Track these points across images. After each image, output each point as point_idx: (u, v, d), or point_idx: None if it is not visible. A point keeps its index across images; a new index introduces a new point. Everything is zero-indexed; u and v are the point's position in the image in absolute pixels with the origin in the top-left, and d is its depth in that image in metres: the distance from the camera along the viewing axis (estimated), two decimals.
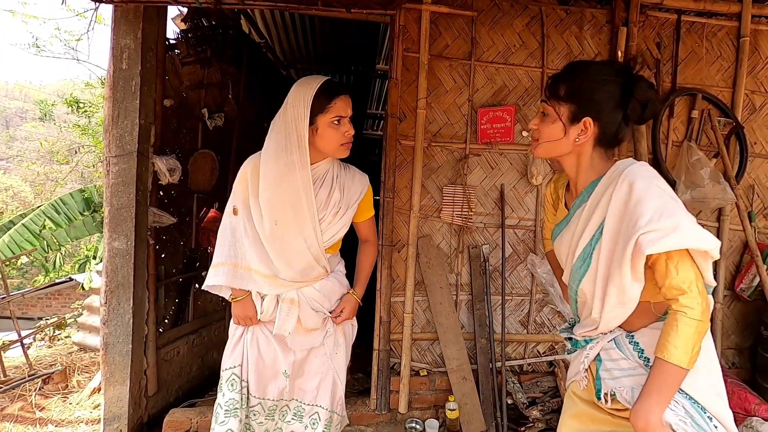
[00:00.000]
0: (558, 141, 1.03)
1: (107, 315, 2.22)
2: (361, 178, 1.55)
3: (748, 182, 2.81)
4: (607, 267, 0.98)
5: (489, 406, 2.42)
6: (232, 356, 1.46)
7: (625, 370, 1.02)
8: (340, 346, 1.54)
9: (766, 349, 2.56)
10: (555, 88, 1.03)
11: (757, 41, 2.79)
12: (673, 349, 0.89)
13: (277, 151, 1.36)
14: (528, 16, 2.60)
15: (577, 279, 1.05)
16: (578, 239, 1.04)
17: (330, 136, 1.37)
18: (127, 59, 2.19)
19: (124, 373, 2.23)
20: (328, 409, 1.48)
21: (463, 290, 2.57)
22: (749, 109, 2.81)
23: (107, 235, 2.22)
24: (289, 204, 1.37)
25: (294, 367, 1.48)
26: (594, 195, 1.01)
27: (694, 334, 0.88)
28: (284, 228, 1.38)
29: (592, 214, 1.01)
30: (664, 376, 0.89)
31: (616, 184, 0.96)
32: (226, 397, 1.42)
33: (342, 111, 1.37)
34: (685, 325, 0.88)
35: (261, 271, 1.41)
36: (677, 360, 0.88)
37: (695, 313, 0.88)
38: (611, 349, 1.05)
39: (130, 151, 2.21)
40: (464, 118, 2.56)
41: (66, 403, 2.89)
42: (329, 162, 1.49)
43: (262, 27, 3.85)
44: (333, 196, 1.45)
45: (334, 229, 1.47)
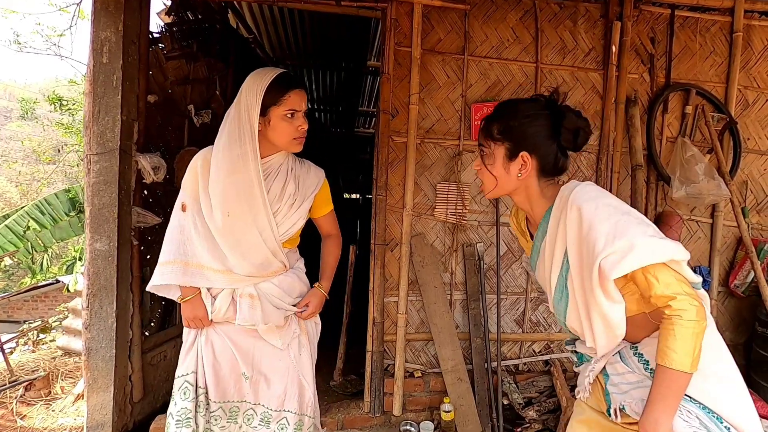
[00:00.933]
0: (502, 179, 1.06)
1: (89, 319, 2.14)
2: (317, 172, 1.53)
3: (741, 178, 2.80)
4: (583, 296, 0.97)
5: (485, 407, 2.37)
6: (185, 363, 1.41)
7: (632, 383, 0.99)
8: (304, 347, 1.49)
9: (760, 345, 2.56)
10: (489, 129, 1.07)
11: (749, 36, 2.78)
12: (673, 354, 0.86)
13: (230, 142, 1.33)
14: (521, 10, 2.55)
15: (561, 312, 1.04)
16: (549, 273, 1.04)
17: (282, 129, 1.35)
18: (108, 53, 2.10)
19: (108, 379, 2.15)
20: (297, 413, 1.44)
21: (458, 289, 2.52)
22: (742, 104, 2.80)
23: (88, 236, 2.13)
24: (243, 195, 1.34)
25: (254, 368, 1.43)
26: (550, 226, 1.03)
27: (691, 336, 0.86)
28: (237, 219, 1.34)
29: (554, 245, 1.01)
30: (668, 383, 0.87)
31: (566, 212, 0.98)
32: (177, 407, 1.37)
33: (296, 104, 1.35)
34: (681, 328, 0.86)
35: (213, 267, 1.37)
36: (679, 365, 0.86)
37: (689, 314, 0.86)
38: (616, 363, 1.02)
39: (111, 149, 2.12)
40: (458, 113, 2.51)
41: (49, 410, 2.79)
42: (283, 155, 1.45)
43: (251, 21, 3.76)
44: (287, 189, 1.42)
45: (290, 221, 1.44)
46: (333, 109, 6.28)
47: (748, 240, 2.52)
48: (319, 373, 2.89)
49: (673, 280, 0.89)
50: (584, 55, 2.61)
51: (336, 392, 2.70)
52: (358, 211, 7.77)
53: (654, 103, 2.64)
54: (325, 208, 1.58)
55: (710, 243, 2.78)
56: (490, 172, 1.07)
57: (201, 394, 1.39)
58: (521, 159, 1.03)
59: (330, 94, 5.66)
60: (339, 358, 2.80)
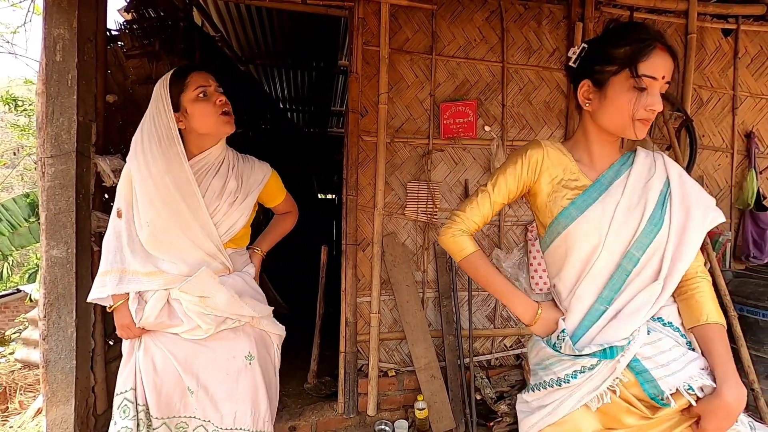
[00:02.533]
0: None
1: (47, 329, 2.04)
2: (261, 166, 1.50)
3: (698, 173, 2.92)
4: (682, 223, 1.00)
5: (458, 403, 2.40)
6: (123, 378, 1.33)
7: (678, 359, 0.94)
8: (255, 358, 1.39)
9: None
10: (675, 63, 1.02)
11: (703, 38, 2.91)
12: (714, 313, 0.97)
13: (149, 152, 1.29)
14: (487, 11, 2.59)
15: (645, 244, 0.98)
16: (643, 205, 1.01)
17: (201, 110, 1.30)
18: (62, 50, 2.01)
19: (68, 391, 2.05)
20: (251, 431, 1.36)
21: (430, 287, 2.54)
22: (697, 103, 2.93)
23: (44, 243, 2.03)
24: (176, 198, 1.29)
25: (200, 384, 1.34)
26: (641, 165, 1.05)
27: (713, 294, 1.00)
28: (171, 224, 1.30)
29: (648, 181, 1.03)
30: (727, 342, 0.94)
31: (663, 158, 1.06)
32: (117, 426, 1.28)
33: (202, 81, 1.31)
34: (709, 288, 1.00)
35: (148, 269, 1.31)
36: (722, 319, 0.96)
37: (708, 276, 1.02)
38: (652, 345, 0.96)
39: (67, 151, 2.03)
40: (426, 113, 2.53)
41: (6, 426, 2.65)
42: (221, 149, 1.40)
43: (217, 19, 3.68)
44: (228, 185, 1.38)
45: (231, 219, 1.38)
46: (306, 109, 6.22)
47: None
48: (294, 376, 2.87)
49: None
50: (549, 55, 2.67)
51: (310, 395, 2.67)
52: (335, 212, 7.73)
53: None
54: (278, 197, 1.58)
55: None
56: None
57: (141, 410, 1.31)
58: None
59: (302, 94, 5.61)
60: (313, 360, 2.77)
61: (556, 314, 1.05)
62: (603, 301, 1.00)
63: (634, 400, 0.94)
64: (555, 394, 1.01)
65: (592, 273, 1.00)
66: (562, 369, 0.99)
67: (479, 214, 1.10)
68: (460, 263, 1.12)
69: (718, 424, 0.89)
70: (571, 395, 0.98)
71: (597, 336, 0.98)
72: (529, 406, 1.07)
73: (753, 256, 2.90)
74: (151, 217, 1.29)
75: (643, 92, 0.95)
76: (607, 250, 1.00)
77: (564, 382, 0.99)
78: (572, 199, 1.03)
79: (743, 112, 2.96)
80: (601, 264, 1.00)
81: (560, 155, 1.08)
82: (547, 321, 1.05)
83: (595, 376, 0.95)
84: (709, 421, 0.89)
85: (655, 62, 0.95)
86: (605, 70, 0.99)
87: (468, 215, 1.10)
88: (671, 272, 0.98)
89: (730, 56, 2.94)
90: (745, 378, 2.27)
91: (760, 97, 2.98)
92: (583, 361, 0.96)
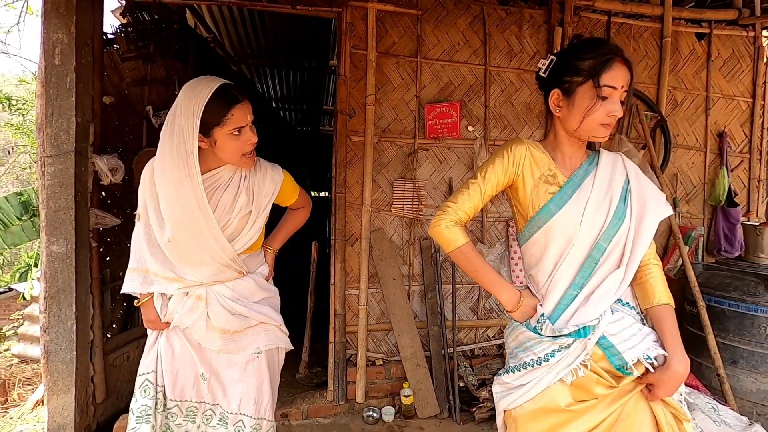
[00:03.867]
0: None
1: (47, 322, 2.13)
2: (273, 175, 1.46)
3: (672, 171, 3.06)
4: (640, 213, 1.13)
5: (442, 390, 2.52)
6: (146, 361, 1.44)
7: (636, 334, 1.07)
8: (263, 353, 1.47)
9: (689, 322, 2.82)
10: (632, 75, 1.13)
11: (677, 41, 3.05)
12: (666, 295, 1.11)
13: (168, 165, 1.27)
14: (471, 15, 2.70)
15: (610, 236, 1.12)
16: (609, 201, 1.13)
17: (230, 147, 1.28)
18: (60, 54, 2.09)
19: (69, 380, 2.15)
20: (253, 417, 1.45)
21: (416, 281, 2.65)
22: (672, 104, 3.07)
23: (45, 239, 2.12)
24: (188, 216, 1.30)
25: (212, 371, 1.44)
26: (606, 164, 1.17)
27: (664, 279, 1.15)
28: (186, 238, 1.32)
29: (612, 179, 1.15)
30: (675, 320, 1.08)
31: (621, 158, 1.20)
32: (138, 404, 1.40)
33: (241, 121, 1.27)
34: (660, 272, 1.14)
35: (166, 275, 1.37)
36: (672, 302, 1.10)
37: (659, 263, 1.17)
38: (616, 323, 1.09)
39: (66, 151, 2.12)
40: (412, 113, 2.64)
41: (6, 417, 2.74)
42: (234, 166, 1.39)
43: (210, 21, 3.76)
44: (239, 200, 1.37)
45: (245, 238, 1.41)
46: (298, 108, 6.30)
47: (676, 228, 2.77)
48: (286, 367, 2.95)
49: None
50: (529, 58, 2.78)
51: (301, 384, 2.78)
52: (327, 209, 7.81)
53: None
54: (292, 197, 1.56)
55: None
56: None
57: (159, 392, 1.42)
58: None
59: (294, 94, 5.69)
60: (304, 351, 2.88)
61: (534, 301, 1.17)
62: (575, 287, 1.12)
63: (602, 371, 1.07)
64: (534, 373, 1.13)
65: (567, 261, 1.13)
66: (542, 349, 1.12)
67: (471, 205, 1.17)
68: (452, 253, 1.17)
69: (667, 389, 1.04)
70: (549, 372, 1.10)
71: (571, 318, 1.11)
72: (508, 387, 1.18)
73: (724, 249, 3.05)
74: (171, 228, 1.31)
75: (605, 100, 1.07)
76: (579, 241, 1.12)
77: (544, 360, 1.11)
78: (552, 195, 1.15)
79: (716, 113, 3.10)
80: (574, 254, 1.12)
81: (540, 153, 1.18)
82: (527, 308, 1.17)
83: (570, 353, 1.08)
84: (660, 387, 1.04)
85: (615, 74, 1.07)
86: (573, 80, 1.11)
87: (459, 206, 1.16)
88: (631, 259, 1.12)
89: (704, 59, 3.07)
90: (712, 364, 2.41)
91: (731, 98, 3.12)
92: (560, 341, 1.09)
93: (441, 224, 1.16)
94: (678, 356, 1.03)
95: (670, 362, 1.03)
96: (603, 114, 1.08)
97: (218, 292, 1.40)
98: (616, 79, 1.07)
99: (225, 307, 1.40)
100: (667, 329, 1.07)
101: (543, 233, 1.15)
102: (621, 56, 1.09)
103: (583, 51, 1.11)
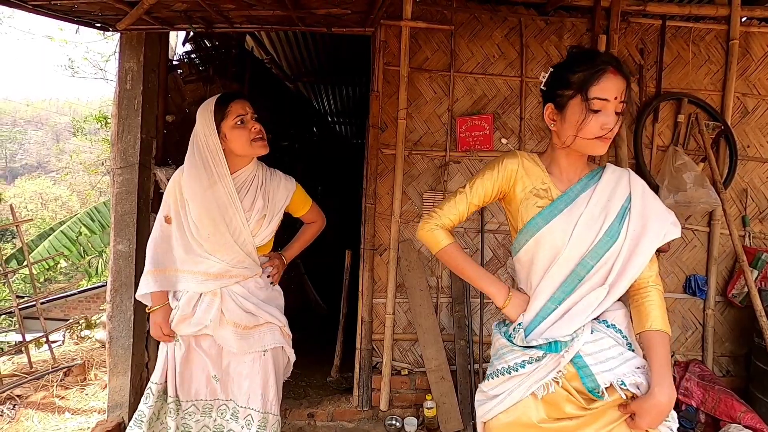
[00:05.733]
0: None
1: (112, 311, 2.45)
2: (286, 185, 1.64)
3: (741, 186, 2.76)
4: (636, 238, 1.08)
5: (467, 405, 2.48)
6: (156, 372, 1.59)
7: (616, 357, 1.04)
8: (269, 350, 1.58)
9: (757, 357, 2.50)
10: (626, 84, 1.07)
11: (748, 43, 2.76)
12: (660, 320, 1.05)
13: (196, 171, 1.49)
14: (507, 28, 2.68)
15: (599, 255, 1.08)
16: (603, 218, 1.10)
17: (238, 136, 1.49)
18: (131, 80, 2.43)
19: (126, 364, 2.44)
20: (261, 411, 1.54)
21: (444, 293, 2.65)
22: (741, 112, 2.77)
23: (112, 239, 2.45)
24: (219, 217, 1.49)
25: (223, 370, 1.58)
26: (607, 181, 1.13)
27: (663, 304, 1.08)
28: (218, 239, 1.50)
29: (612, 195, 1.11)
30: (666, 347, 1.03)
31: (629, 174, 1.14)
32: (138, 409, 1.56)
33: (240, 110, 1.49)
34: (660, 297, 1.08)
35: (190, 269, 1.52)
36: (666, 328, 1.05)
37: (660, 287, 1.10)
38: (594, 342, 1.06)
39: (132, 163, 2.44)
40: (444, 126, 2.66)
41: (83, 393, 3.15)
42: (253, 168, 1.58)
43: (268, 44, 4.09)
44: (256, 204, 1.55)
45: (261, 236, 1.58)
46: (353, 122, 6.56)
47: (740, 249, 2.49)
48: (319, 370, 3.10)
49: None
50: None
51: (331, 387, 2.88)
52: None
53: (642, 112, 2.68)
54: (303, 208, 1.72)
55: (707, 252, 2.75)
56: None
57: (171, 401, 1.56)
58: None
59: (348, 108, 5.94)
60: (336, 356, 2.98)
61: (525, 297, 1.16)
62: (554, 301, 1.10)
63: (574, 391, 1.04)
64: (507, 383, 1.11)
65: (550, 275, 1.10)
66: (512, 358, 1.11)
67: (455, 213, 1.20)
68: (437, 254, 1.21)
69: (650, 421, 0.98)
70: (520, 385, 1.08)
71: (545, 332, 1.08)
72: (485, 395, 1.18)
73: None
74: (209, 229, 1.50)
75: (597, 113, 1.04)
76: (565, 257, 1.09)
77: (513, 370, 1.10)
78: (541, 208, 1.13)
79: None
80: (558, 269, 1.10)
81: (534, 166, 1.16)
82: (518, 301, 1.15)
83: (542, 367, 1.06)
84: (642, 417, 0.98)
85: (606, 86, 1.03)
86: (564, 94, 1.09)
87: (444, 212, 1.20)
88: (618, 280, 1.07)
89: None
90: None
91: None
92: (530, 352, 1.08)
93: (425, 227, 1.21)
94: (663, 386, 0.97)
95: (653, 391, 0.98)
96: (596, 127, 1.04)
97: (231, 290, 1.54)
98: (607, 91, 1.03)
99: (236, 303, 1.54)
100: (655, 356, 1.01)
101: (531, 246, 1.13)
102: (615, 66, 1.05)
103: (575, 63, 1.08)
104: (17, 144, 35.29)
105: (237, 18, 2.22)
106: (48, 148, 33.50)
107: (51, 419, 2.82)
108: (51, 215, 17.84)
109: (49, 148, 32.98)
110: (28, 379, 3.18)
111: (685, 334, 2.77)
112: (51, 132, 35.00)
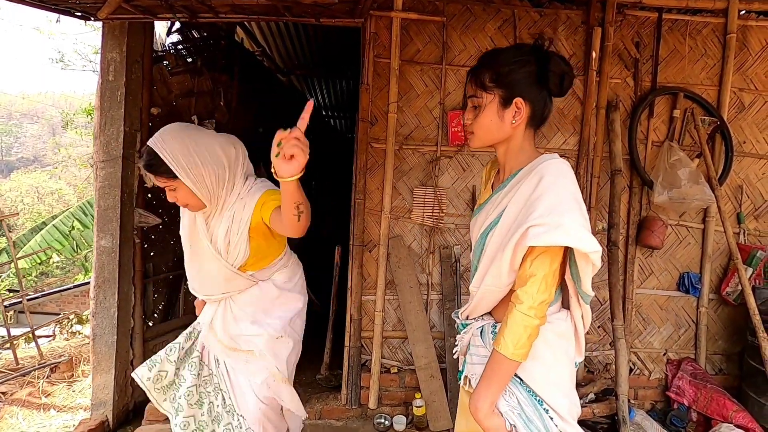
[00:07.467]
0: (496, 128, 1.05)
1: (95, 308, 2.40)
2: (251, 201, 1.40)
3: (737, 182, 2.72)
4: (495, 250, 1.00)
5: (457, 404, 2.44)
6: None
7: (481, 357, 1.06)
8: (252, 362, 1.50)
9: (751, 355, 2.47)
10: (479, 79, 1.04)
11: (745, 37, 2.71)
12: (502, 339, 0.93)
13: (182, 215, 1.50)
14: (500, 20, 2.62)
15: (476, 259, 1.09)
16: (483, 221, 1.08)
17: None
18: (113, 71, 2.37)
19: (110, 362, 2.40)
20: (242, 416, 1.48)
21: (434, 290, 2.61)
22: (737, 107, 2.73)
23: (96, 234, 2.40)
24: (190, 241, 1.48)
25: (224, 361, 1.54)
26: (513, 182, 1.04)
27: (520, 327, 0.91)
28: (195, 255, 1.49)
29: (500, 201, 1.04)
30: (496, 366, 0.94)
31: (528, 176, 1.00)
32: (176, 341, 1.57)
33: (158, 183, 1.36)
34: (514, 317, 0.93)
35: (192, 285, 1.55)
36: (505, 351, 0.92)
37: (523, 307, 0.91)
38: (476, 337, 1.11)
39: (115, 157, 2.38)
40: (435, 121, 2.61)
41: (70, 390, 3.11)
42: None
43: (259, 35, 4.01)
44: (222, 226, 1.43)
45: (233, 255, 1.44)
46: (346, 115, 6.49)
47: (734, 246, 2.45)
48: (309, 367, 3.06)
49: (541, 272, 0.91)
50: None
51: (320, 384, 2.84)
52: None
53: (637, 107, 2.63)
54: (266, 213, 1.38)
55: (701, 249, 2.71)
56: (485, 121, 1.04)
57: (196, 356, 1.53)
58: (515, 105, 1.02)
59: (342, 101, 5.87)
60: (326, 353, 2.95)
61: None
62: (472, 288, 1.15)
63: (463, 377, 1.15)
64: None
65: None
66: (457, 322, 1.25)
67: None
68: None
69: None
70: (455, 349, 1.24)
71: (466, 311, 1.19)
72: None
73: None
74: (192, 273, 1.52)
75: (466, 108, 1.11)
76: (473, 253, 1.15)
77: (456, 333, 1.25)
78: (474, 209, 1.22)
79: None
80: (473, 262, 1.16)
81: (489, 168, 1.25)
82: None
83: (460, 340, 1.20)
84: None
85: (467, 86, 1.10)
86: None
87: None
88: (478, 284, 1.07)
89: None
90: None
91: None
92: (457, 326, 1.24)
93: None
94: (473, 396, 0.96)
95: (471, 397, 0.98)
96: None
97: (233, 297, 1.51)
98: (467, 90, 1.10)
99: (227, 317, 1.50)
100: (486, 369, 0.98)
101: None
102: (472, 69, 1.09)
103: None
104: (13, 137, 35.05)
105: (221, 7, 2.16)
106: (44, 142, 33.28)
107: (36, 416, 2.78)
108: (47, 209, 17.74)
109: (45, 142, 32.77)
110: (13, 376, 3.14)
111: (678, 332, 2.74)
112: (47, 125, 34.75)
